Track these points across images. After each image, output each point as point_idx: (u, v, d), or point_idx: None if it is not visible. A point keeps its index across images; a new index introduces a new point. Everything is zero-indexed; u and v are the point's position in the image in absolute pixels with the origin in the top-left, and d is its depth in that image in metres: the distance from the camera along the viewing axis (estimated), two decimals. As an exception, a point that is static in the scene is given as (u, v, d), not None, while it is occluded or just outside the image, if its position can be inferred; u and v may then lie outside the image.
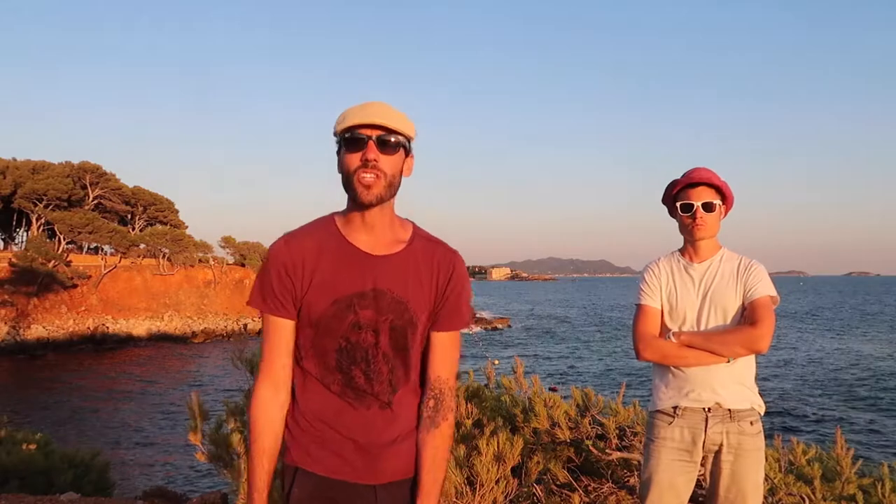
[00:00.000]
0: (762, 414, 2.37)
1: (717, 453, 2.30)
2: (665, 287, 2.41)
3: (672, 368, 2.35)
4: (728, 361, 2.29)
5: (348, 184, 1.50)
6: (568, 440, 3.60)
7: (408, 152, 1.54)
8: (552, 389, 3.94)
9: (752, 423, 2.31)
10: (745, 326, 2.28)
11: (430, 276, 1.57)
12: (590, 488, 3.50)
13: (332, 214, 1.62)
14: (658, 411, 2.38)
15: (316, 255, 1.53)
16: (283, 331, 1.55)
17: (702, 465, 2.35)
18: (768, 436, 3.55)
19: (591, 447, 3.50)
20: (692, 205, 2.34)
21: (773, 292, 2.32)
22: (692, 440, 2.30)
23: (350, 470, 1.53)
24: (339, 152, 1.52)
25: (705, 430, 2.28)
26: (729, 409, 2.29)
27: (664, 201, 2.49)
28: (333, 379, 1.54)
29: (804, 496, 3.01)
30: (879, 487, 3.02)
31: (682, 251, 2.48)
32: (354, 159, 1.47)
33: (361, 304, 1.51)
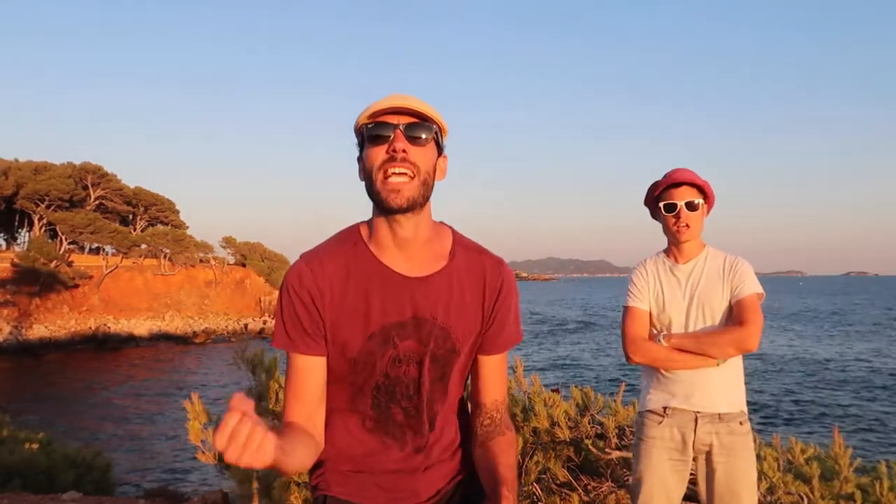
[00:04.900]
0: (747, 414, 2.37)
1: (709, 454, 2.29)
2: (653, 289, 2.40)
3: (661, 370, 2.35)
4: (717, 364, 2.27)
5: (372, 187, 1.23)
6: (567, 439, 3.61)
7: (440, 150, 1.30)
8: (554, 390, 3.95)
9: (741, 423, 2.31)
10: (734, 327, 2.26)
11: (476, 295, 1.35)
12: (589, 487, 3.51)
13: (357, 226, 1.36)
14: (648, 411, 2.38)
15: (343, 280, 1.29)
16: (314, 371, 1.30)
17: (694, 460, 2.34)
18: (767, 435, 3.56)
19: (590, 446, 3.50)
20: (675, 204, 2.34)
21: (759, 289, 2.31)
22: (682, 440, 2.30)
23: (384, 497, 1.38)
24: (360, 154, 1.27)
25: (695, 431, 2.28)
26: (718, 413, 2.29)
27: (646, 203, 2.50)
28: (367, 417, 1.36)
29: (803, 495, 3.02)
30: (878, 486, 3.02)
31: (667, 252, 2.48)
32: (378, 153, 1.21)
33: (401, 336, 1.30)
